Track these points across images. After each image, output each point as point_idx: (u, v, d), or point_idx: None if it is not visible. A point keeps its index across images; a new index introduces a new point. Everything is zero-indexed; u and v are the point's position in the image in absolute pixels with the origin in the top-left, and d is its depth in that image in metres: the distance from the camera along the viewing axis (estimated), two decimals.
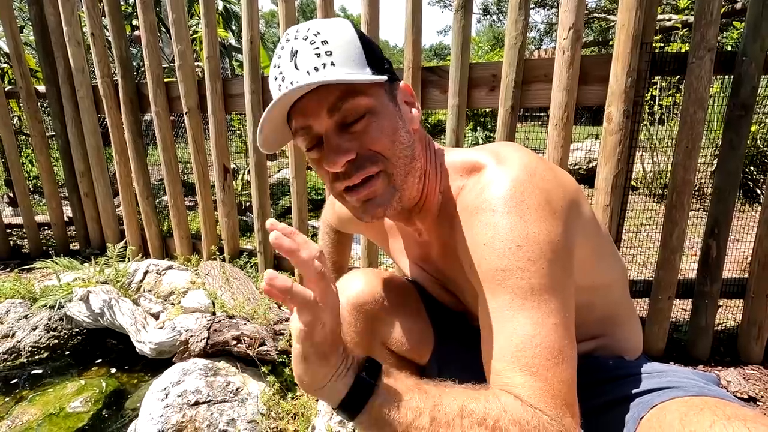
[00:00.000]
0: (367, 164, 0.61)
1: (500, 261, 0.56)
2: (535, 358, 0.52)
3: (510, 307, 0.55)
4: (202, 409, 1.25)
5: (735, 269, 2.22)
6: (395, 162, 0.63)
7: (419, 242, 0.81)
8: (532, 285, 0.54)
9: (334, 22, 0.62)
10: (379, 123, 0.61)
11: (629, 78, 1.40)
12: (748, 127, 1.45)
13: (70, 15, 2.31)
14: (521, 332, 0.53)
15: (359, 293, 0.84)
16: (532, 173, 0.60)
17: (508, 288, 0.55)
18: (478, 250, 0.59)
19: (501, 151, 0.66)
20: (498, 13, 18.97)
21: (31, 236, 2.75)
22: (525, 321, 0.53)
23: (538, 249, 0.55)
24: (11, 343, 1.73)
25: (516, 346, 0.53)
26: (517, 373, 0.52)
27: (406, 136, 0.64)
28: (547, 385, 0.51)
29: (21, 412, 1.41)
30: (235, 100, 2.17)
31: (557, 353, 0.52)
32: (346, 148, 0.60)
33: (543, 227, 0.56)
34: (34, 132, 2.62)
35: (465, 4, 1.60)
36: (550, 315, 0.53)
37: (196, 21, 3.88)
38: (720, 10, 1.35)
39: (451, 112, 1.70)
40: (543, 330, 0.53)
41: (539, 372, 0.51)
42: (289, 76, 0.59)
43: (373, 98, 0.61)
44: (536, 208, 0.57)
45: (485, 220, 0.59)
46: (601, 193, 1.52)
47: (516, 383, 0.52)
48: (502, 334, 0.55)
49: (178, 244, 2.50)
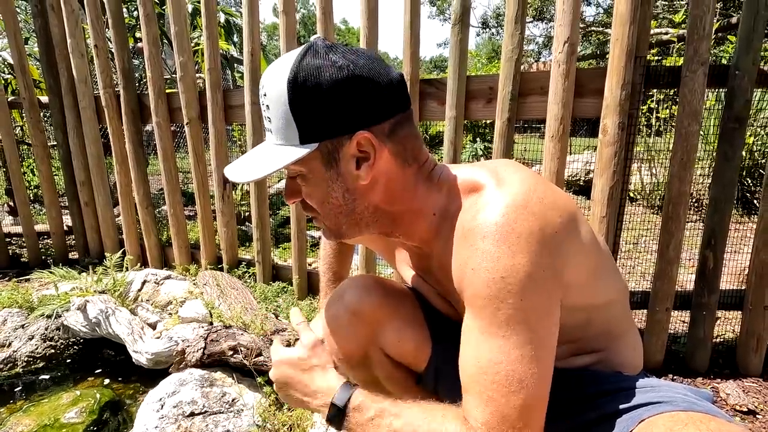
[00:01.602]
0: (308, 209, 0.71)
1: (483, 289, 0.58)
2: (492, 384, 0.56)
3: (483, 332, 0.58)
4: (197, 420, 1.24)
5: (733, 281, 2.22)
6: (326, 217, 0.70)
7: (420, 254, 0.81)
8: (508, 316, 0.57)
9: (273, 78, 0.61)
10: (308, 188, 0.67)
11: (624, 91, 1.42)
12: (743, 139, 1.46)
13: (74, 27, 2.35)
14: (486, 357, 0.57)
15: (357, 300, 0.84)
16: (529, 198, 0.59)
17: (486, 315, 0.58)
18: (467, 274, 0.61)
19: (500, 171, 0.65)
20: (497, 27, 19.22)
21: (30, 245, 2.75)
22: (493, 348, 0.57)
23: (520, 282, 0.57)
24: (7, 352, 1.72)
25: (479, 369, 0.57)
26: (473, 394, 0.57)
27: (342, 197, 0.66)
28: (497, 409, 0.55)
29: (15, 422, 1.40)
30: (235, 111, 2.19)
31: (516, 383, 0.55)
32: (291, 193, 0.70)
33: (530, 258, 0.57)
34: (35, 142, 2.64)
35: (462, 18, 1.62)
36: (518, 347, 0.56)
37: (198, 33, 3.94)
38: (712, 25, 1.38)
39: (449, 124, 1.72)
40: (507, 359, 0.56)
41: (493, 397, 0.55)
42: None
43: (302, 165, 0.63)
44: (527, 236, 0.57)
45: (476, 245, 0.60)
46: (598, 204, 1.53)
47: (469, 403, 0.57)
48: (471, 354, 0.59)
49: (176, 254, 2.50)
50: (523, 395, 0.55)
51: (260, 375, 1.42)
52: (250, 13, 1.98)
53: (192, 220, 3.20)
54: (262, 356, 1.44)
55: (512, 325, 0.56)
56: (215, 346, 1.45)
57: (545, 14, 13.18)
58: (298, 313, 0.81)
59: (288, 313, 2.00)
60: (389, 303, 0.86)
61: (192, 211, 3.71)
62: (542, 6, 12.78)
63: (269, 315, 1.80)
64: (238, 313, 1.70)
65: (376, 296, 0.85)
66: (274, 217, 3.77)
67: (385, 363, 0.89)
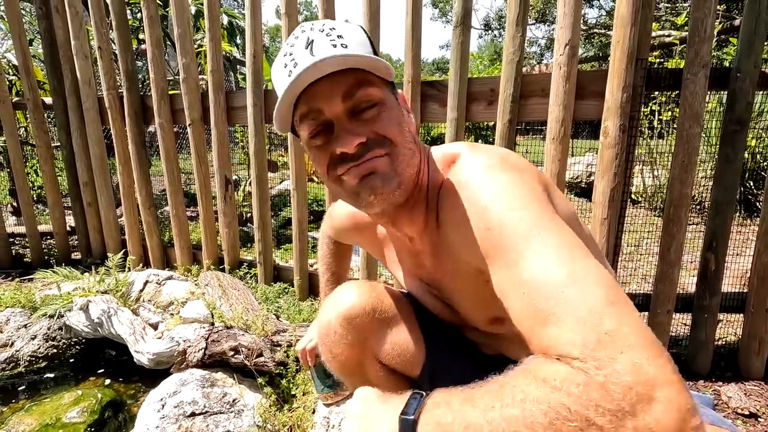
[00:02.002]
0: (376, 147, 0.63)
1: (483, 222, 0.56)
2: (547, 301, 0.46)
3: (508, 265, 0.52)
4: (198, 421, 1.25)
5: (736, 283, 2.21)
6: (401, 149, 0.64)
7: (411, 251, 0.82)
8: (520, 232, 0.52)
9: (347, 24, 0.65)
10: (390, 113, 0.64)
11: (625, 93, 1.42)
12: (744, 142, 1.46)
13: (78, 29, 2.37)
14: (525, 282, 0.49)
15: (350, 306, 0.83)
16: (505, 157, 0.64)
17: (499, 247, 0.53)
18: (466, 225, 0.60)
19: (477, 144, 0.70)
20: (499, 29, 19.22)
21: (33, 245, 2.77)
22: (524, 270, 0.49)
23: (515, 198, 0.56)
24: (10, 352, 1.73)
25: (528, 302, 0.48)
26: (554, 324, 0.45)
27: (408, 133, 0.67)
28: (581, 322, 0.43)
29: (17, 421, 1.41)
30: (237, 113, 2.20)
31: (567, 281, 0.46)
32: (358, 132, 0.62)
33: (518, 182, 0.59)
34: (39, 142, 2.66)
35: (464, 21, 1.63)
36: (550, 249, 0.49)
37: (201, 35, 3.96)
38: (713, 28, 1.38)
39: (450, 126, 1.72)
40: (547, 268, 0.48)
41: (559, 315, 0.45)
42: (303, 62, 0.60)
43: (383, 93, 0.64)
44: (510, 170, 0.61)
45: (464, 194, 0.61)
46: (599, 206, 1.53)
47: (551, 336, 0.45)
48: (513, 299, 0.51)
49: (178, 255, 2.51)
50: (601, 292, 0.45)
51: (261, 375, 1.42)
52: (252, 15, 1.99)
53: (194, 221, 3.21)
54: (263, 357, 1.44)
55: (537, 233, 0.51)
56: (216, 347, 1.46)
57: (548, 17, 13.19)
58: None
59: (289, 314, 2.00)
60: (382, 310, 0.85)
61: (194, 212, 3.72)
62: (545, 8, 12.79)
63: (270, 316, 1.80)
64: (239, 314, 1.71)
65: (369, 303, 0.84)
66: (276, 219, 3.77)
67: (379, 369, 0.88)
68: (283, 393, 1.43)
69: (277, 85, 0.65)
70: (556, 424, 0.39)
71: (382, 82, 0.65)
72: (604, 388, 0.39)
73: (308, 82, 0.60)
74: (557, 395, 0.41)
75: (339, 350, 0.85)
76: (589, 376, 0.40)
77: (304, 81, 0.60)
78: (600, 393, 0.39)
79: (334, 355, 0.86)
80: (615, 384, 0.39)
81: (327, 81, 0.61)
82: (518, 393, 0.43)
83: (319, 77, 0.60)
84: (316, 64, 0.57)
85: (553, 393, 0.41)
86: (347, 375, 0.89)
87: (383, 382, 0.88)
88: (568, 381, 0.41)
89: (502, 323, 0.76)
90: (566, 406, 0.40)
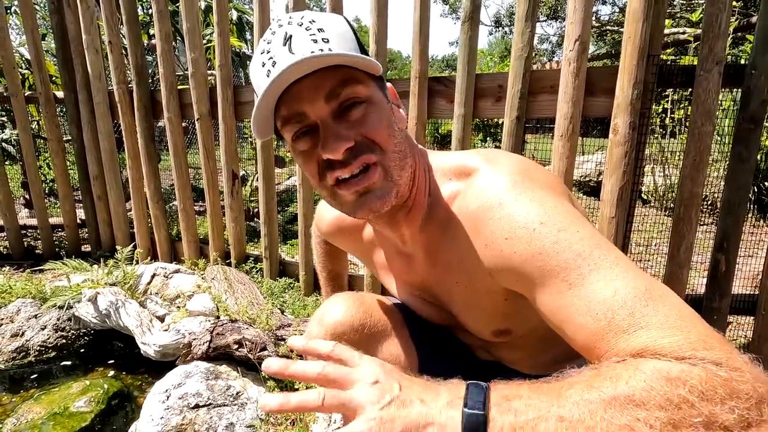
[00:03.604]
0: (365, 152, 0.59)
1: (531, 246, 0.53)
2: (631, 315, 0.44)
3: (570, 285, 0.50)
4: (201, 413, 1.26)
5: (747, 285, 2.17)
6: (390, 155, 0.61)
7: (402, 253, 0.79)
8: (578, 251, 0.50)
9: (328, 15, 0.61)
10: (378, 113, 0.60)
11: (635, 90, 1.39)
12: (758, 141, 1.43)
13: (89, 24, 2.39)
14: (598, 301, 0.47)
15: (337, 322, 0.79)
16: (525, 169, 0.62)
17: (555, 269, 0.51)
18: (503, 247, 0.56)
19: (489, 154, 0.67)
20: (510, 26, 19.04)
21: (44, 237, 2.81)
22: (594, 289, 0.48)
23: (562, 217, 0.54)
24: (20, 341, 1.76)
25: (608, 312, 0.46)
26: (631, 334, 0.44)
27: (398, 132, 0.63)
28: (666, 330, 0.42)
29: (26, 410, 1.43)
30: (245, 108, 2.21)
31: (647, 296, 0.45)
32: (346, 135, 0.58)
33: (556, 200, 0.57)
34: (51, 136, 2.69)
35: (472, 16, 1.61)
36: (613, 266, 0.49)
37: (210, 30, 3.97)
38: (728, 23, 1.35)
39: (457, 122, 1.71)
40: (617, 283, 0.47)
41: (649, 324, 0.43)
42: (282, 61, 0.56)
43: (370, 90, 0.60)
44: (541, 188, 0.58)
45: (497, 215, 0.58)
46: (607, 205, 1.51)
47: (659, 340, 0.42)
48: (581, 317, 0.48)
49: (186, 248, 2.53)
50: (667, 300, 0.46)
51: None
52: (261, 10, 1.99)
53: (202, 216, 3.23)
54: (267, 350, 1.45)
55: (588, 254, 0.50)
56: (221, 340, 1.47)
57: (559, 13, 13.02)
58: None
59: (294, 309, 2.01)
60: (371, 324, 0.82)
61: (202, 207, 3.75)
62: (556, 4, 12.63)
63: (275, 310, 1.81)
64: (244, 308, 1.72)
65: (357, 318, 0.80)
66: (283, 214, 3.79)
67: None
68: (286, 387, 1.44)
69: (255, 85, 0.62)
70: (676, 417, 0.37)
71: (368, 77, 0.61)
72: (729, 385, 0.37)
73: (288, 82, 0.56)
74: (678, 388, 0.37)
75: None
76: (709, 371, 0.38)
77: (284, 81, 0.55)
78: (726, 389, 0.37)
79: None
80: (738, 381, 0.38)
81: (309, 80, 0.57)
82: (623, 385, 0.39)
83: (301, 76, 0.56)
84: (296, 65, 0.53)
85: (668, 385, 0.38)
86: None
87: None
88: (686, 373, 0.38)
89: (507, 334, 0.74)
90: (689, 399, 0.37)
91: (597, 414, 0.38)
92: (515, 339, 0.76)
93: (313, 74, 0.56)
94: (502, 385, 0.44)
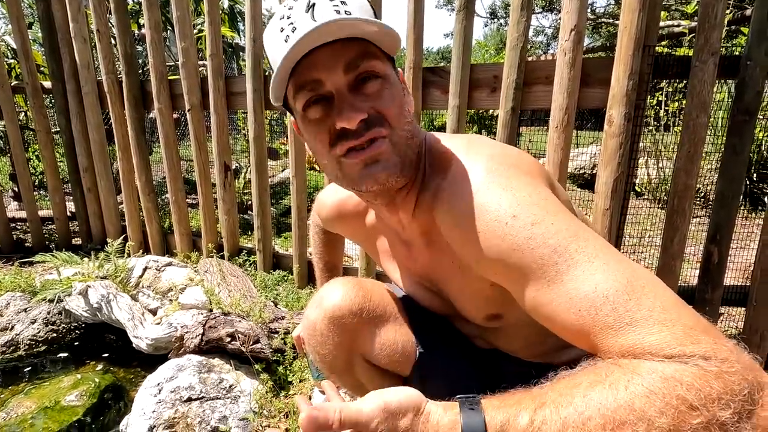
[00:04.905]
0: (377, 125, 0.60)
1: (505, 242, 0.52)
2: (615, 311, 0.44)
3: (549, 282, 0.49)
4: (194, 406, 1.25)
5: (738, 277, 2.19)
6: (400, 132, 0.62)
7: (403, 240, 0.79)
8: (553, 247, 0.49)
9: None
10: (391, 90, 0.61)
11: (631, 81, 1.39)
12: (752, 133, 1.43)
13: (76, 12, 2.33)
14: (580, 297, 0.46)
15: (335, 306, 0.79)
16: (503, 154, 0.62)
17: (530, 266, 0.50)
18: (479, 239, 0.56)
19: (471, 140, 0.68)
20: (505, 17, 18.95)
21: (34, 230, 2.77)
22: (574, 286, 0.47)
23: (536, 208, 0.52)
24: (10, 335, 1.74)
25: (595, 306, 0.45)
26: (619, 333, 0.44)
27: (408, 113, 0.64)
28: (651, 326, 0.42)
29: (17, 404, 1.42)
30: (237, 98, 2.18)
31: (629, 288, 0.45)
32: (361, 107, 0.58)
33: (531, 189, 0.56)
34: (39, 127, 2.64)
35: (467, 5, 1.59)
36: (592, 259, 0.48)
37: (202, 19, 3.91)
38: (724, 14, 1.34)
39: (452, 113, 1.69)
40: (597, 278, 0.46)
41: (634, 319, 0.43)
42: (303, 26, 0.55)
43: (386, 67, 0.61)
44: (517, 176, 0.57)
45: (471, 207, 0.57)
46: (601, 197, 1.50)
47: (646, 340, 0.42)
48: (564, 313, 0.48)
49: (178, 241, 2.51)
50: (655, 290, 0.45)
51: (257, 362, 1.42)
52: (252, 0, 1.95)
53: (194, 208, 3.20)
54: (260, 344, 1.44)
55: (564, 249, 0.49)
56: (213, 333, 1.46)
57: (555, 5, 12.96)
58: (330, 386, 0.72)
59: (287, 301, 2.00)
60: (370, 309, 0.81)
61: (194, 199, 3.72)
62: None
63: (268, 303, 1.80)
64: (237, 301, 1.71)
65: (356, 303, 0.80)
66: (276, 206, 3.77)
67: (369, 369, 0.85)
68: (280, 380, 1.43)
69: (271, 52, 0.60)
70: (677, 420, 0.37)
71: (385, 56, 0.62)
72: (722, 378, 0.38)
73: (309, 48, 0.56)
74: (676, 388, 0.38)
75: (325, 351, 0.81)
76: (701, 368, 0.39)
77: (304, 47, 0.55)
78: (720, 383, 0.38)
79: (321, 355, 0.83)
80: (729, 373, 0.38)
81: (328, 49, 0.56)
82: (620, 389, 0.39)
83: (319, 45, 0.56)
84: (318, 29, 0.52)
85: (664, 384, 0.38)
86: (336, 374, 0.85)
87: (373, 382, 0.85)
88: (680, 372, 0.39)
89: (499, 319, 0.75)
90: (687, 400, 0.37)
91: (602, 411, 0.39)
92: (508, 326, 0.77)
93: (333, 44, 0.56)
94: (499, 398, 0.46)
